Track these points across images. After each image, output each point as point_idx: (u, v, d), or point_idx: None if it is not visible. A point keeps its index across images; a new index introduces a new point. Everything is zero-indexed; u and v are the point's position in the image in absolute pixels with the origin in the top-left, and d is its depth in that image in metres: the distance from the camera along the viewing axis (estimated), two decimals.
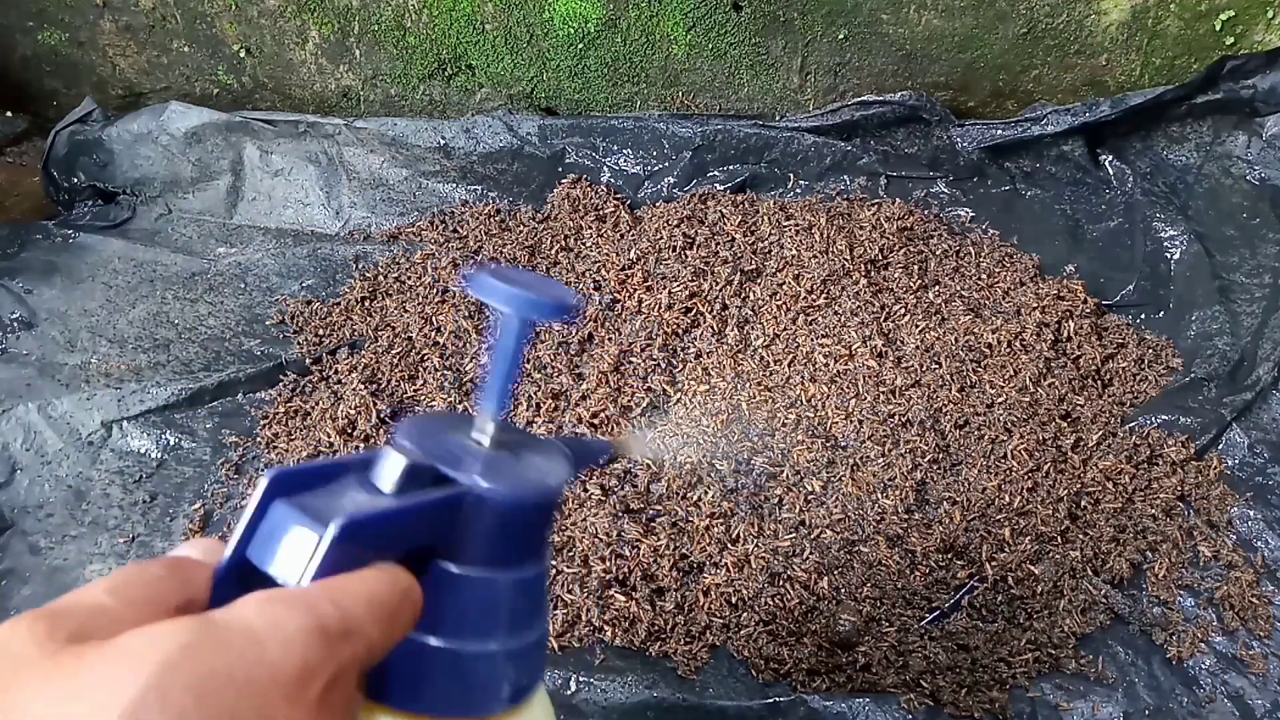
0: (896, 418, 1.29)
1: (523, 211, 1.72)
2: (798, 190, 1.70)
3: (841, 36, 1.62)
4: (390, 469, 0.40)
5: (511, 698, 0.43)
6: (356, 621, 0.33)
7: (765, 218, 1.61)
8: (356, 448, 1.27)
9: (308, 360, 1.44)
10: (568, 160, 1.72)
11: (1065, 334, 1.41)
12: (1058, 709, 1.00)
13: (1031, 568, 1.13)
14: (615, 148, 1.72)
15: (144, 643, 0.28)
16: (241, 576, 0.36)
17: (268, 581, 0.36)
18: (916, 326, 1.42)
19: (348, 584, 0.35)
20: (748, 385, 1.35)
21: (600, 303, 1.48)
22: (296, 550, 0.35)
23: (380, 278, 1.60)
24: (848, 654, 1.04)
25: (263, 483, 0.37)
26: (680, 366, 1.39)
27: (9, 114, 2.01)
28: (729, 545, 1.14)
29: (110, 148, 1.79)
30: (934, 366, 1.36)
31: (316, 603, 0.33)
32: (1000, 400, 1.31)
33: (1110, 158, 1.58)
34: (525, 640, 0.44)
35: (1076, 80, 1.60)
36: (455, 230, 1.70)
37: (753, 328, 1.44)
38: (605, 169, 1.73)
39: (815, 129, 1.65)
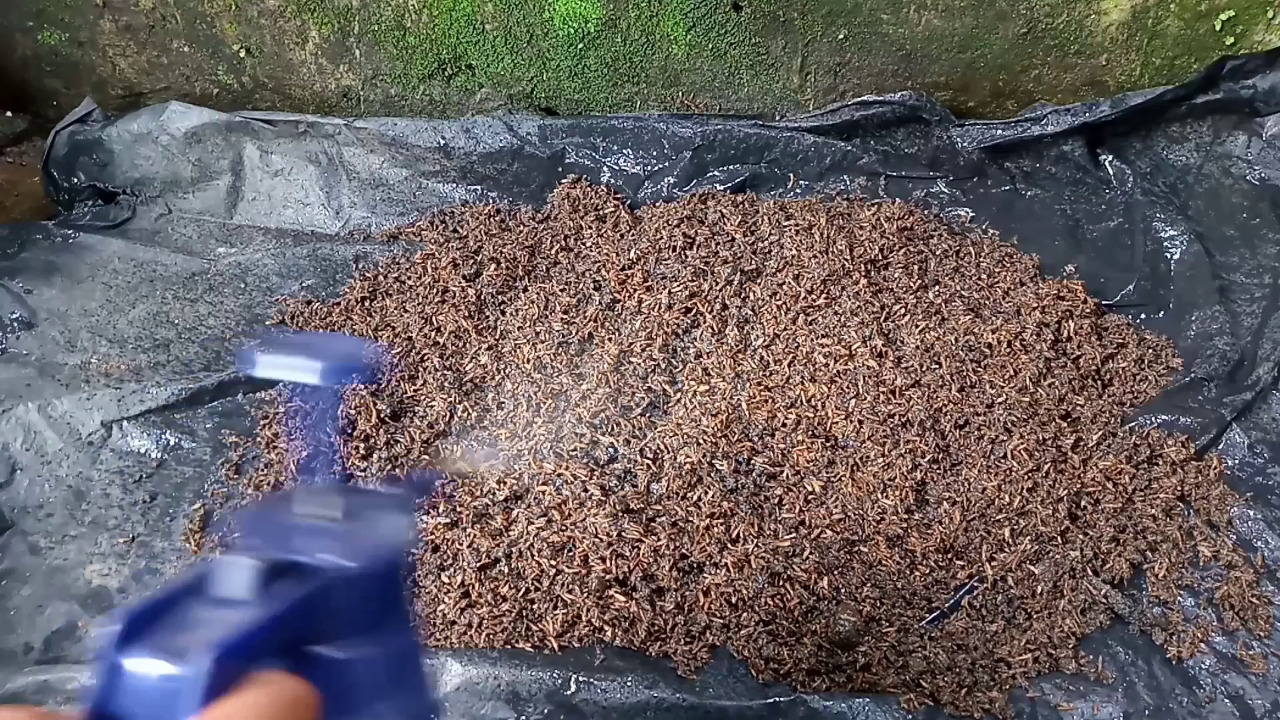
0: (896, 418, 1.29)
1: (523, 211, 1.72)
2: (798, 190, 1.70)
3: (841, 36, 1.62)
4: (240, 575, 0.38)
5: None
6: None
7: (765, 218, 1.61)
8: (356, 448, 1.27)
9: None
10: (568, 160, 1.72)
11: (1065, 334, 1.41)
12: (1058, 709, 1.00)
13: (1031, 568, 1.13)
14: (615, 148, 1.72)
15: None
16: None
17: None
18: (916, 326, 1.42)
19: (233, 712, 0.33)
20: (748, 385, 1.35)
21: (600, 303, 1.48)
22: (168, 694, 0.33)
23: (380, 278, 1.60)
24: (848, 654, 1.04)
25: (109, 633, 0.34)
26: (680, 366, 1.39)
27: (9, 114, 2.01)
28: (729, 545, 1.14)
29: (110, 148, 1.79)
30: (934, 366, 1.36)
31: None
32: (1000, 400, 1.31)
33: (1110, 158, 1.58)
34: (414, 693, 0.44)
35: (1076, 80, 1.60)
36: (455, 230, 1.70)
37: (753, 328, 1.44)
38: (605, 169, 1.73)
39: (815, 129, 1.65)
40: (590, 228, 1.63)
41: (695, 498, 1.18)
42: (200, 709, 0.33)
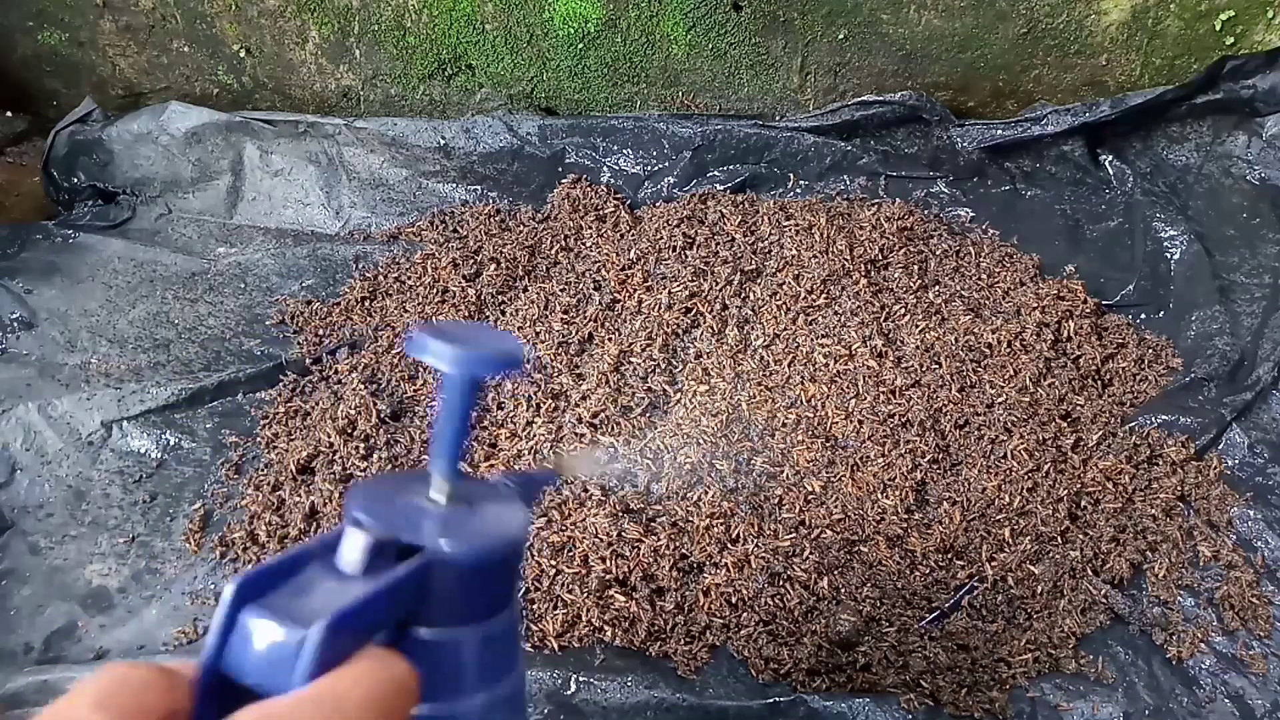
0: (896, 418, 1.29)
1: (523, 211, 1.72)
2: (798, 190, 1.70)
3: (841, 36, 1.62)
4: (352, 549, 0.39)
5: None
6: None
7: (765, 218, 1.61)
8: (356, 448, 1.27)
9: (308, 360, 1.44)
10: (568, 160, 1.72)
11: (1065, 334, 1.41)
12: (1058, 709, 1.00)
13: (1031, 568, 1.13)
14: (615, 148, 1.72)
15: None
16: (221, 690, 0.35)
17: (248, 693, 0.34)
18: (916, 326, 1.42)
19: (341, 685, 0.33)
20: (748, 385, 1.35)
21: (600, 303, 1.48)
22: (280, 658, 0.34)
23: (380, 278, 1.60)
24: (848, 654, 1.04)
25: (229, 591, 0.35)
26: (680, 366, 1.39)
27: (9, 114, 2.01)
28: (729, 545, 1.14)
29: (110, 148, 1.79)
30: (934, 366, 1.35)
31: (314, 714, 0.32)
32: (1000, 400, 1.31)
33: (1110, 158, 1.58)
34: (509, 686, 0.44)
35: (1076, 80, 1.60)
36: (455, 230, 1.70)
37: (753, 328, 1.44)
38: (605, 169, 1.73)
39: (815, 129, 1.65)
40: (590, 228, 1.63)
41: (695, 498, 1.18)
42: (310, 677, 0.33)
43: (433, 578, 0.40)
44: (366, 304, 1.54)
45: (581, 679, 0.99)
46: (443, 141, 1.71)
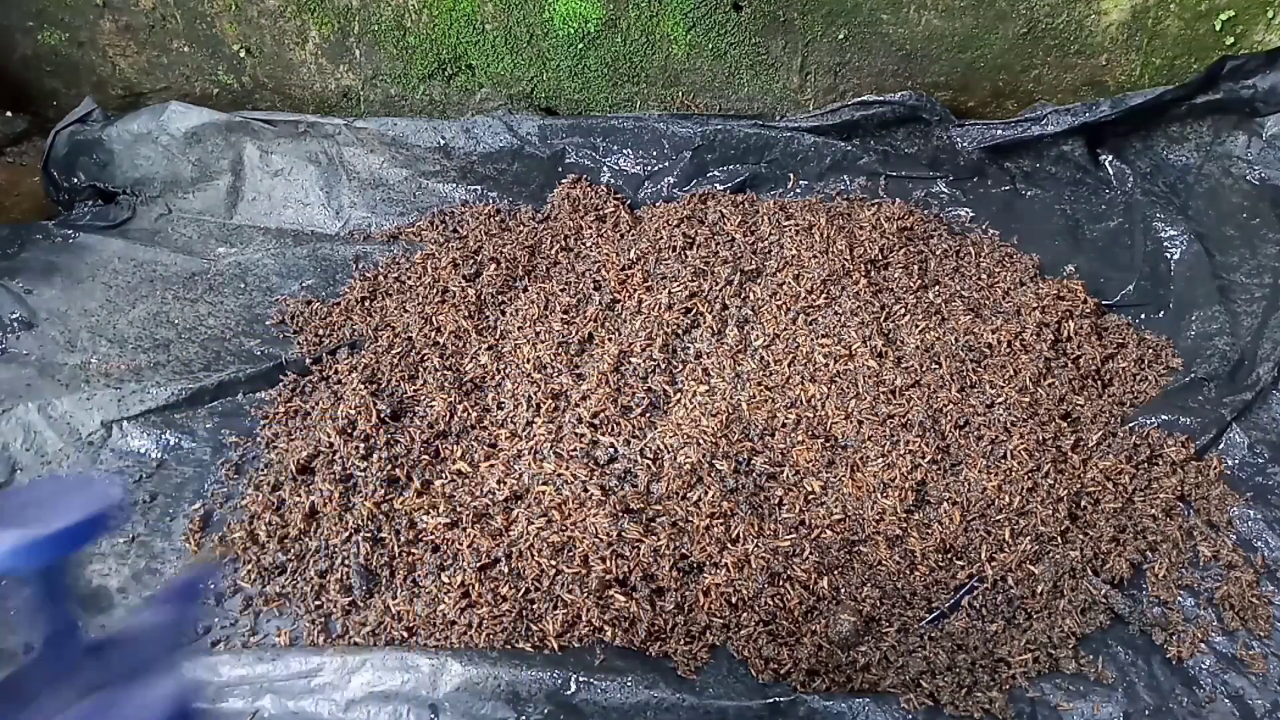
0: (896, 418, 1.29)
1: (523, 211, 1.72)
2: (798, 190, 1.70)
3: (841, 36, 1.62)
4: None
5: None
6: None
7: (765, 218, 1.61)
8: (356, 448, 1.26)
9: (308, 360, 1.44)
10: (568, 160, 1.72)
11: (1065, 334, 1.41)
12: (1057, 709, 1.00)
13: (1031, 568, 1.13)
14: (615, 148, 1.72)
15: None
16: None
17: None
18: (916, 326, 1.41)
19: None
20: (748, 385, 1.35)
21: (600, 303, 1.48)
22: None
23: (380, 278, 1.60)
24: (848, 654, 1.04)
25: None
26: (680, 367, 1.39)
27: (9, 114, 2.01)
28: (729, 545, 1.14)
29: (110, 148, 1.79)
30: (934, 366, 1.35)
31: None
32: (1000, 400, 1.31)
33: (1110, 158, 1.58)
34: None
35: (1076, 80, 1.60)
36: (455, 230, 1.70)
37: (753, 328, 1.44)
38: (605, 169, 1.73)
39: (815, 129, 1.65)
40: (590, 228, 1.63)
41: (695, 498, 1.18)
42: None
43: None
44: (366, 304, 1.54)
45: (581, 679, 0.99)
46: (443, 141, 1.71)
